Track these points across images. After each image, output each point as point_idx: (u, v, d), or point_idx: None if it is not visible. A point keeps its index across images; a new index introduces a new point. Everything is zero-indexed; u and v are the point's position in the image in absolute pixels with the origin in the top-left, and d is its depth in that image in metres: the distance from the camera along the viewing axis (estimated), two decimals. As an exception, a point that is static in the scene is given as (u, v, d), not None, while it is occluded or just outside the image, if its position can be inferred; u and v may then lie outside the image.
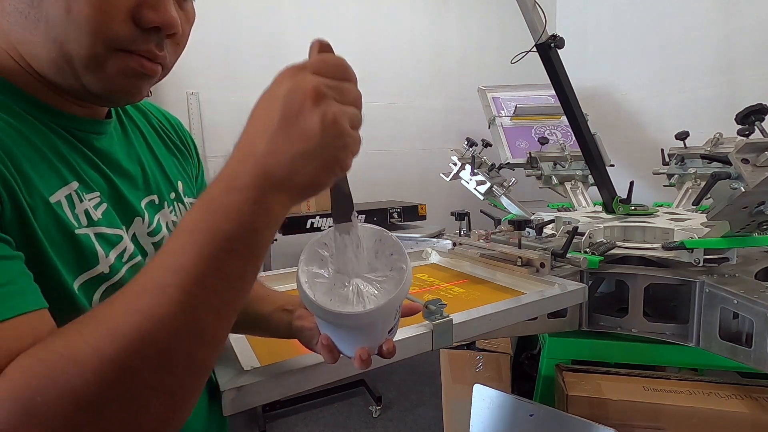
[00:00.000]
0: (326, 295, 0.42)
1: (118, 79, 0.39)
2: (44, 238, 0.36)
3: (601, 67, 2.89)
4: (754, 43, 2.12)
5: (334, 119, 0.33)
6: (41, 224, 0.36)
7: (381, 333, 0.46)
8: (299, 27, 2.44)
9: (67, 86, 0.40)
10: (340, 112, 0.34)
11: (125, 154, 0.49)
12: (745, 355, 0.94)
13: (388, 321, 0.45)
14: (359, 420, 2.14)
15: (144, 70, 0.40)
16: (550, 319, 1.15)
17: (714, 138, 1.79)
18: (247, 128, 0.35)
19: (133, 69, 0.39)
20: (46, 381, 0.29)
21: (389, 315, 0.44)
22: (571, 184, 2.16)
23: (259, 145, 0.33)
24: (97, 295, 0.41)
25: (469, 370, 1.58)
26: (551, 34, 1.45)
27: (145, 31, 0.38)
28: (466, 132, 2.47)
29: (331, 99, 0.34)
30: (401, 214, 2.17)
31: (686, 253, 1.12)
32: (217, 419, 0.58)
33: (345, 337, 0.46)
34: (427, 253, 1.33)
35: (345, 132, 0.34)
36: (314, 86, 0.33)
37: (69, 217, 0.39)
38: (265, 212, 0.33)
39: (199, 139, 2.26)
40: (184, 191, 0.57)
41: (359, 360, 0.45)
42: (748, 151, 0.93)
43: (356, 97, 0.36)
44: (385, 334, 0.47)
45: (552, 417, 1.12)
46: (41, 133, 0.40)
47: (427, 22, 2.83)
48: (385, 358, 0.48)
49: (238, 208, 0.32)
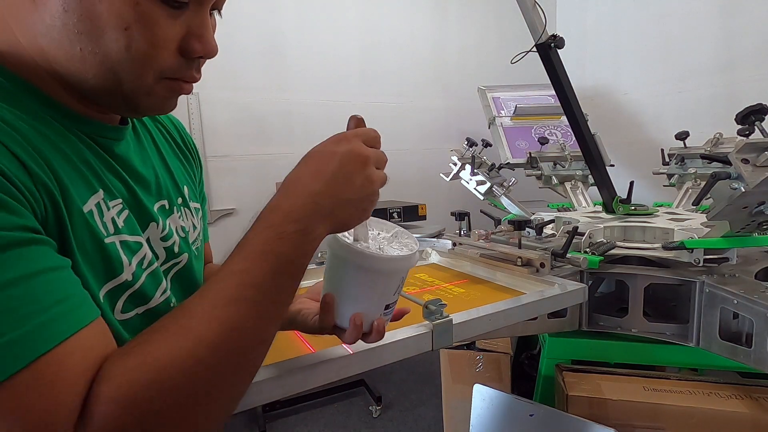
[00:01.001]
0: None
1: (161, 100, 0.43)
2: (77, 248, 0.37)
3: (601, 67, 2.89)
4: (754, 43, 2.12)
5: (373, 180, 0.44)
6: (77, 234, 0.38)
7: (381, 300, 0.51)
8: (299, 27, 2.44)
9: (108, 103, 0.42)
10: (377, 176, 0.45)
11: (140, 159, 0.50)
12: (745, 355, 0.94)
13: (391, 286, 0.51)
14: (359, 420, 2.14)
15: (183, 91, 0.45)
16: (550, 319, 1.15)
17: (714, 138, 1.79)
18: (300, 170, 0.43)
19: (176, 91, 0.44)
20: (148, 383, 0.33)
21: (396, 277, 0.50)
22: (571, 184, 2.16)
23: (314, 186, 0.41)
24: (119, 302, 0.41)
25: (469, 370, 1.58)
26: (551, 34, 1.45)
27: (189, 59, 0.42)
28: (466, 132, 2.47)
29: (373, 165, 0.44)
30: (401, 214, 2.17)
31: (686, 253, 1.12)
32: None
33: (349, 293, 0.50)
34: (427, 253, 1.33)
35: (377, 191, 0.45)
36: (368, 155, 0.44)
37: (99, 227, 0.40)
38: (312, 240, 0.41)
39: (199, 139, 2.26)
40: (189, 196, 0.58)
41: (353, 323, 0.50)
42: (748, 151, 0.93)
43: (385, 162, 0.47)
44: (382, 308, 0.52)
45: (552, 417, 1.12)
46: (68, 140, 0.40)
47: (427, 22, 2.83)
48: (372, 339, 0.53)
49: (295, 236, 0.40)
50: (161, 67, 0.40)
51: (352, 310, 0.50)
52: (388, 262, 0.48)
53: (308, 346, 0.73)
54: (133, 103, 0.42)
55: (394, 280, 0.51)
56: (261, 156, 2.37)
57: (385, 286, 0.50)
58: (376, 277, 0.49)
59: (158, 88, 0.41)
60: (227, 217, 2.35)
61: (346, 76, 2.61)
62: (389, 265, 0.48)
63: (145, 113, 0.47)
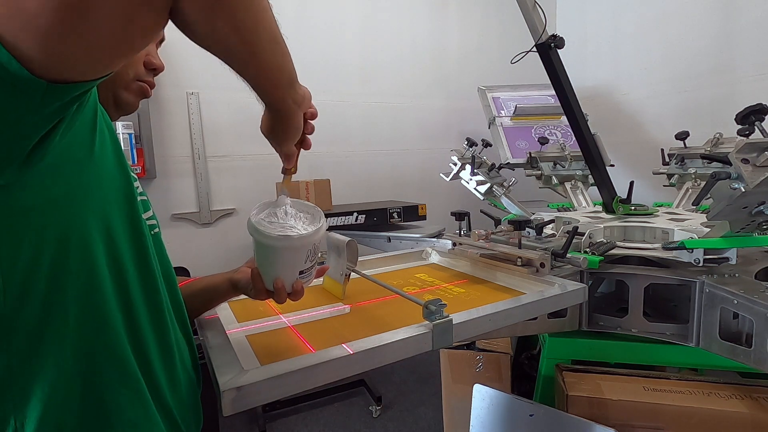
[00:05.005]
0: (262, 225, 0.61)
1: (132, 96, 0.64)
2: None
3: (601, 67, 2.89)
4: (754, 43, 2.12)
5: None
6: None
7: (294, 267, 0.64)
8: (299, 27, 2.44)
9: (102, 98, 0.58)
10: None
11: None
12: (745, 355, 0.94)
13: (299, 258, 0.63)
14: (359, 420, 2.14)
15: (146, 93, 0.66)
16: (550, 319, 1.15)
17: (714, 138, 1.79)
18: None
19: (143, 90, 0.65)
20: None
21: (301, 251, 0.62)
22: (571, 184, 2.16)
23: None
24: None
25: (469, 370, 1.58)
26: (551, 34, 1.45)
27: (149, 70, 0.65)
28: (466, 132, 2.47)
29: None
30: (401, 214, 2.17)
31: (686, 253, 1.12)
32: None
33: (270, 262, 0.63)
34: (427, 253, 1.33)
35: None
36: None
37: None
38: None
39: (199, 139, 2.27)
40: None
41: (276, 287, 0.64)
42: (748, 151, 0.93)
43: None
44: (296, 274, 0.64)
45: (552, 417, 1.12)
46: None
47: (427, 22, 2.83)
48: (294, 297, 0.66)
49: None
50: (137, 72, 0.63)
51: (273, 276, 0.64)
52: (284, 240, 0.60)
53: (308, 346, 0.73)
54: (118, 96, 0.63)
55: (299, 253, 0.62)
56: (261, 156, 2.37)
57: (292, 258, 0.63)
58: (281, 251, 0.62)
59: (134, 85, 0.64)
60: (227, 217, 2.35)
61: (346, 76, 2.61)
62: (285, 243, 0.60)
63: (124, 110, 0.65)
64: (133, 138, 1.96)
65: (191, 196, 2.30)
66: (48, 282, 0.46)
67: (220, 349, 0.67)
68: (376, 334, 0.69)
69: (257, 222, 0.61)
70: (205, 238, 2.32)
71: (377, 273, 1.20)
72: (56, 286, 0.46)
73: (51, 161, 0.44)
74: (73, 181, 0.47)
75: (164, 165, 2.21)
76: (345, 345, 0.64)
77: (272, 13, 0.45)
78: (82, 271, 0.48)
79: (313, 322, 0.84)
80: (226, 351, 0.66)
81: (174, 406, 0.59)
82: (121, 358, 0.52)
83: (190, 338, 0.68)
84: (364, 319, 0.86)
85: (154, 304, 0.58)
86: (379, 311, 0.89)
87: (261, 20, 0.43)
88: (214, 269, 0.93)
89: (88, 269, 0.49)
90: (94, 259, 0.49)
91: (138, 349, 0.54)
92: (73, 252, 0.47)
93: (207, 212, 2.31)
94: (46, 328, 0.46)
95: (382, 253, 1.31)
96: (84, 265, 0.48)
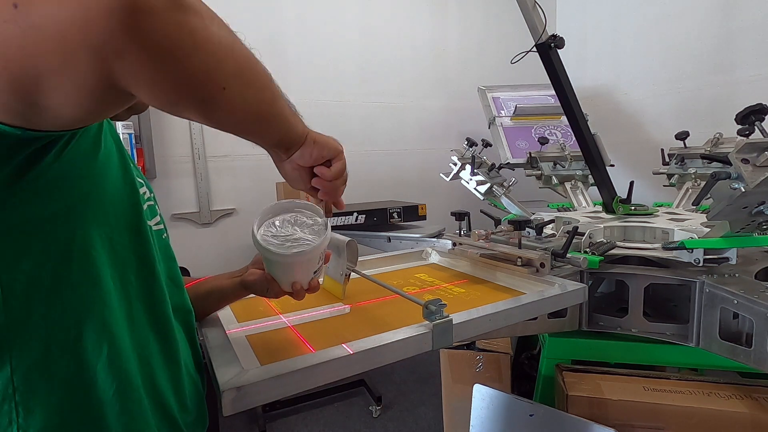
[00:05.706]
0: (272, 244, 0.62)
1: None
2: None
3: (601, 67, 2.89)
4: (754, 43, 2.12)
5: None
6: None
7: (307, 273, 0.67)
8: (299, 27, 2.44)
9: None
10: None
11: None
12: (745, 355, 0.94)
13: (312, 264, 0.66)
14: (359, 420, 2.14)
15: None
16: (550, 319, 1.15)
17: (714, 138, 1.79)
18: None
19: None
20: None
21: (312, 260, 0.65)
22: (571, 184, 2.16)
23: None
24: None
25: (469, 370, 1.58)
26: (551, 34, 1.45)
27: None
28: (466, 132, 2.47)
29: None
30: (401, 214, 2.16)
31: (686, 253, 1.12)
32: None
33: (284, 272, 0.66)
34: (427, 253, 1.33)
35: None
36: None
37: None
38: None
39: (199, 139, 2.27)
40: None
41: (294, 289, 0.67)
42: (748, 151, 0.93)
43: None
44: (311, 275, 0.68)
45: (552, 417, 1.12)
46: None
47: (427, 23, 2.83)
48: (310, 292, 0.69)
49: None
50: None
51: (290, 282, 0.67)
52: (299, 256, 0.61)
53: (308, 346, 0.73)
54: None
55: (313, 260, 0.65)
56: (261, 156, 2.33)
57: (307, 265, 0.65)
58: (296, 265, 0.64)
59: None
60: (227, 217, 2.35)
61: (346, 76, 2.61)
62: (300, 258, 0.62)
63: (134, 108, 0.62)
64: (133, 138, 1.96)
65: (191, 196, 2.30)
66: (49, 295, 0.46)
67: (220, 349, 0.67)
68: (376, 334, 0.69)
69: (265, 242, 0.62)
70: (205, 238, 2.33)
71: (377, 273, 1.20)
72: (57, 299, 0.46)
73: (51, 176, 0.43)
74: (74, 194, 0.46)
75: (164, 165, 2.21)
76: (345, 345, 0.64)
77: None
78: (84, 283, 0.48)
79: (313, 322, 0.84)
80: (226, 351, 0.66)
81: (179, 416, 0.59)
82: (125, 369, 0.51)
83: (194, 341, 0.68)
84: (364, 319, 0.86)
85: (159, 313, 0.57)
86: (379, 311, 0.89)
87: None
88: (214, 269, 0.93)
89: (90, 281, 0.48)
90: (96, 270, 0.48)
91: (142, 360, 0.53)
92: (75, 264, 0.47)
93: (207, 212, 2.31)
94: (48, 341, 0.46)
95: (382, 253, 1.31)
96: (86, 278, 0.48)
